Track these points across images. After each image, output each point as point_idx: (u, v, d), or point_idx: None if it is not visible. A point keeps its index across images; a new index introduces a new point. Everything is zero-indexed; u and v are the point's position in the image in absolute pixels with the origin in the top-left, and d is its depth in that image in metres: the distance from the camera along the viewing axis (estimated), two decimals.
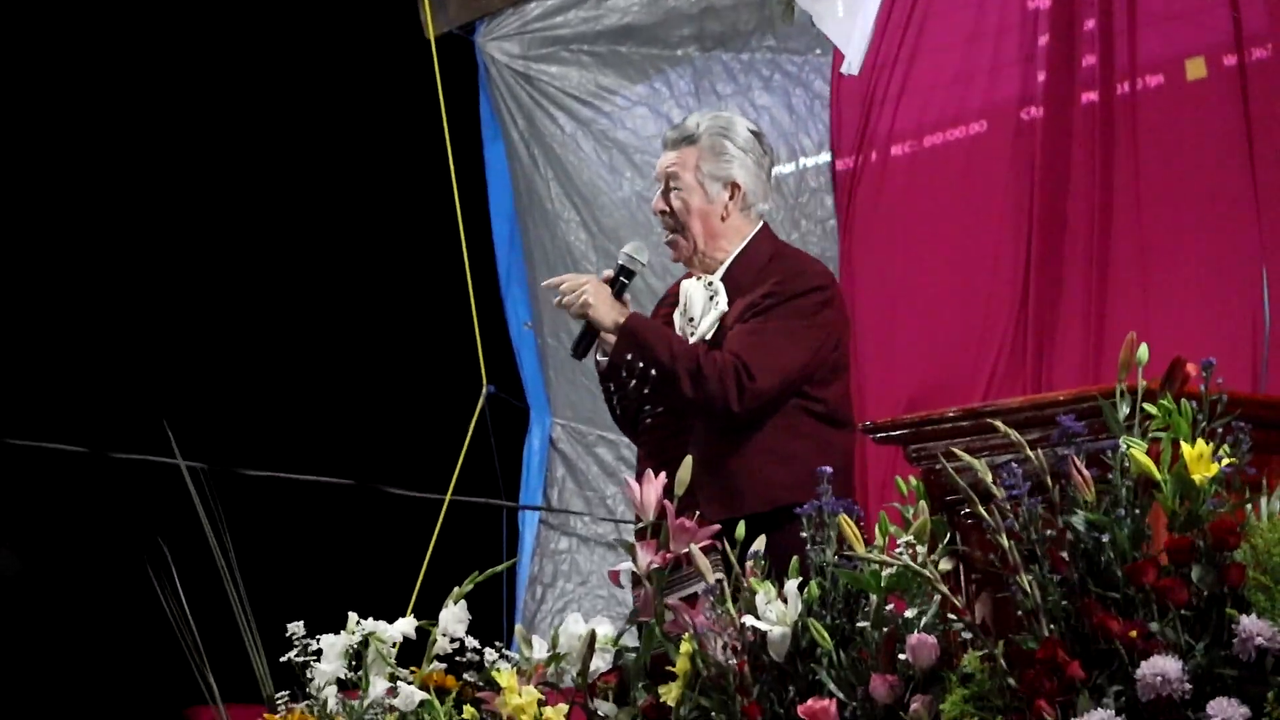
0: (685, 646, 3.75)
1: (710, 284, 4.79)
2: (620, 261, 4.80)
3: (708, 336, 4.74)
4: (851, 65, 6.16)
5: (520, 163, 7.43)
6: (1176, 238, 5.59)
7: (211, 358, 7.62)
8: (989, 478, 3.37)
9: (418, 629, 4.22)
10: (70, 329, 7.54)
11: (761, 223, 4.88)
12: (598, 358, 4.78)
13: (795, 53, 6.78)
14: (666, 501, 3.94)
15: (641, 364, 4.65)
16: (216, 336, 7.65)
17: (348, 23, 7.56)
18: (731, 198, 4.84)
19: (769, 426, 4.68)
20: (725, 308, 4.74)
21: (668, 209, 4.84)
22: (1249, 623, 3.10)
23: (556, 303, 4.80)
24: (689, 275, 4.87)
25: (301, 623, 4.24)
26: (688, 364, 4.64)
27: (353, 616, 4.22)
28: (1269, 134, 5.47)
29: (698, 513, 3.99)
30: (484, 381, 7.34)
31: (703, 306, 4.79)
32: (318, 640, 4.21)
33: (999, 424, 3.44)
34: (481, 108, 7.58)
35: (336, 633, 4.22)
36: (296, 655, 4.20)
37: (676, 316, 4.83)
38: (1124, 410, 3.35)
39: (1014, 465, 3.32)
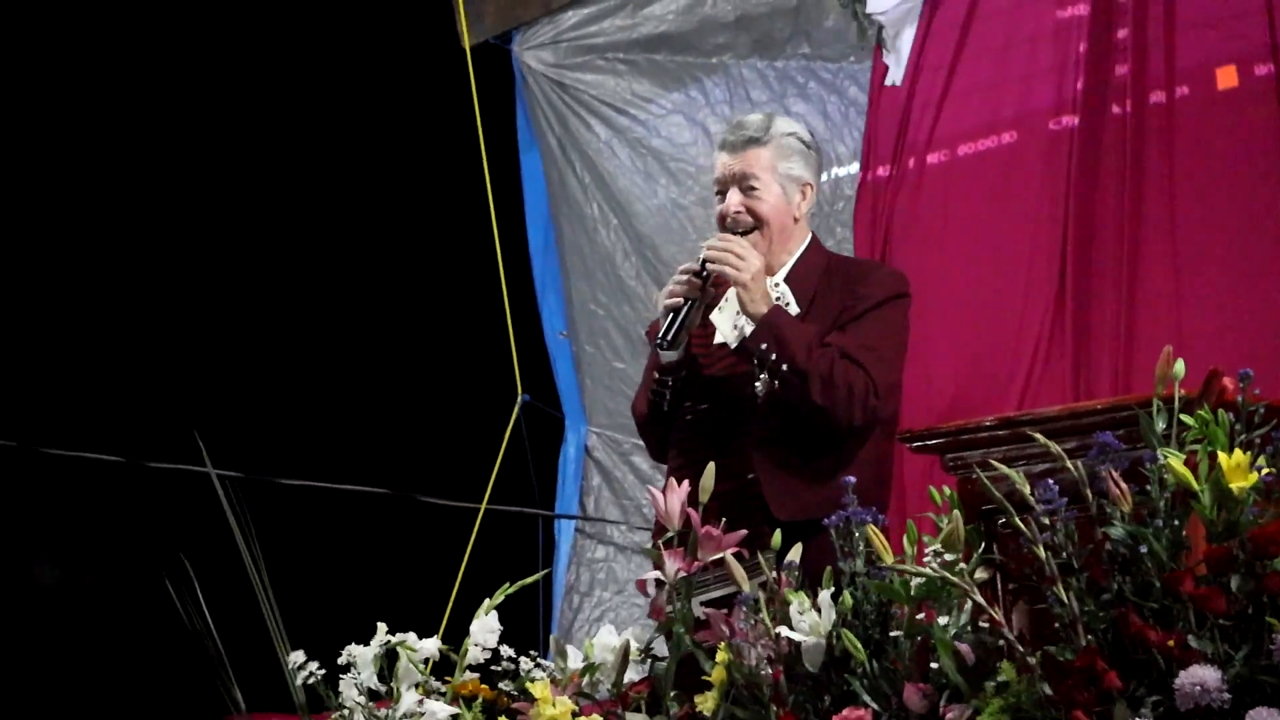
0: (721, 656, 3.73)
1: (776, 284, 4.76)
2: (702, 255, 4.73)
3: None
4: (895, 76, 6.17)
5: (556, 170, 7.43)
6: (1209, 247, 5.56)
7: (247, 367, 7.64)
8: (1026, 489, 3.34)
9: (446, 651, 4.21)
10: (106, 340, 7.56)
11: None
12: (662, 350, 4.73)
13: (830, 60, 6.77)
14: (691, 511, 3.92)
15: (774, 357, 4.59)
16: (252, 346, 7.67)
17: (385, 33, 7.58)
18: (804, 198, 4.84)
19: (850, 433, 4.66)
20: (796, 309, 4.72)
21: (744, 209, 4.81)
22: None
23: (711, 258, 4.67)
24: None
25: (315, 640, 4.23)
26: (822, 368, 4.58)
27: (381, 627, 4.21)
28: None
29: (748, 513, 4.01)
30: (519, 390, 7.34)
31: None
32: (343, 652, 4.20)
33: (1037, 435, 3.42)
34: (518, 116, 7.58)
35: (368, 644, 4.21)
36: (318, 668, 4.19)
37: (722, 316, 4.79)
38: (1161, 421, 3.33)
39: (1049, 481, 3.30)
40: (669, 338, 4.67)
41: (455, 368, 7.59)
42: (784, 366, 4.58)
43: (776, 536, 3.89)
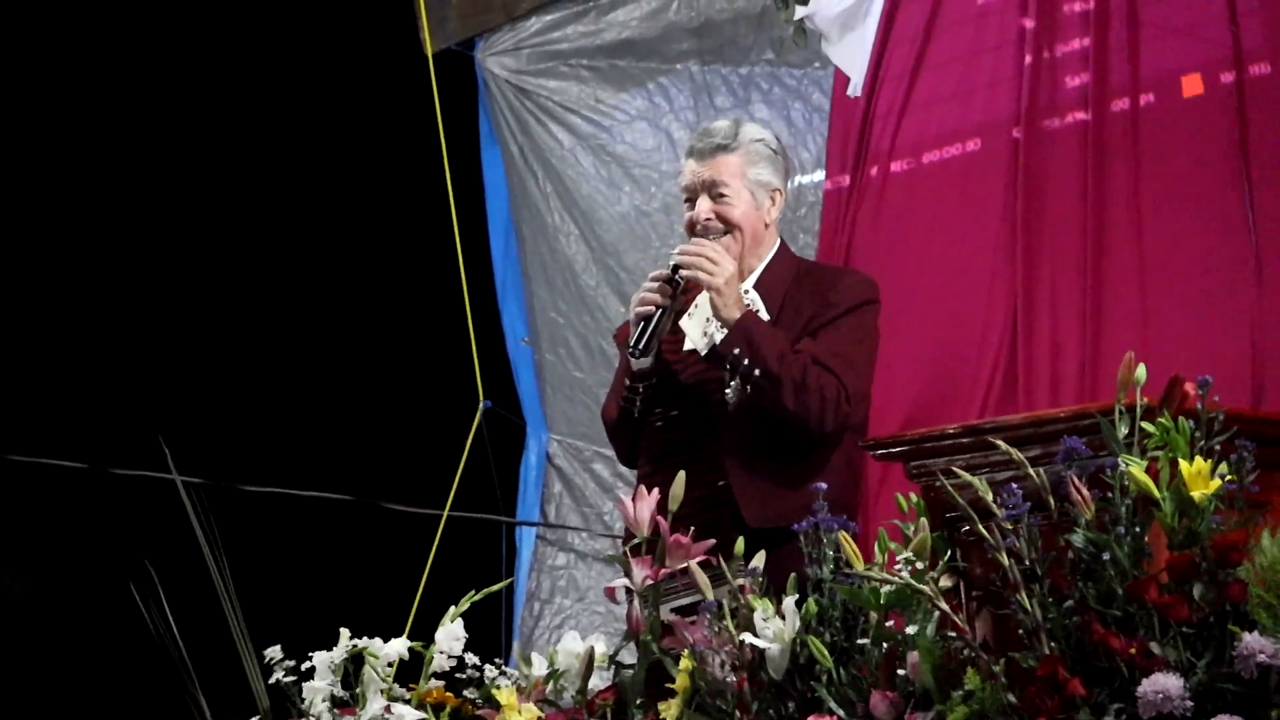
0: (685, 663, 3.74)
1: (745, 290, 4.77)
2: (673, 262, 4.73)
3: None
4: (856, 86, 6.18)
5: (519, 177, 7.42)
6: (1172, 255, 5.57)
7: (210, 373, 7.62)
8: (989, 496, 3.36)
9: (412, 650, 4.21)
10: (69, 345, 7.54)
11: None
12: (634, 358, 4.73)
13: (794, 66, 6.78)
14: (660, 518, 3.93)
15: (746, 362, 4.60)
16: (215, 352, 7.65)
17: (347, 40, 7.56)
18: (773, 204, 4.85)
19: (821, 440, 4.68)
20: (766, 315, 4.73)
21: (714, 216, 4.82)
22: (1251, 640, 3.09)
23: (688, 262, 4.69)
24: None
25: (279, 646, 4.22)
26: (795, 374, 4.60)
27: (344, 633, 4.21)
28: (1266, 151, 5.46)
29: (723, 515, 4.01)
30: (481, 397, 7.34)
31: None
32: (310, 658, 4.20)
33: (1000, 442, 3.44)
34: (480, 123, 7.57)
35: (332, 650, 4.21)
36: (286, 675, 4.19)
37: (692, 322, 4.80)
38: (1123, 428, 3.34)
39: (1014, 485, 3.31)
40: (640, 345, 4.67)
41: (417, 374, 7.58)
42: (756, 372, 4.59)
43: (739, 544, 3.91)
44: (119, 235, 7.63)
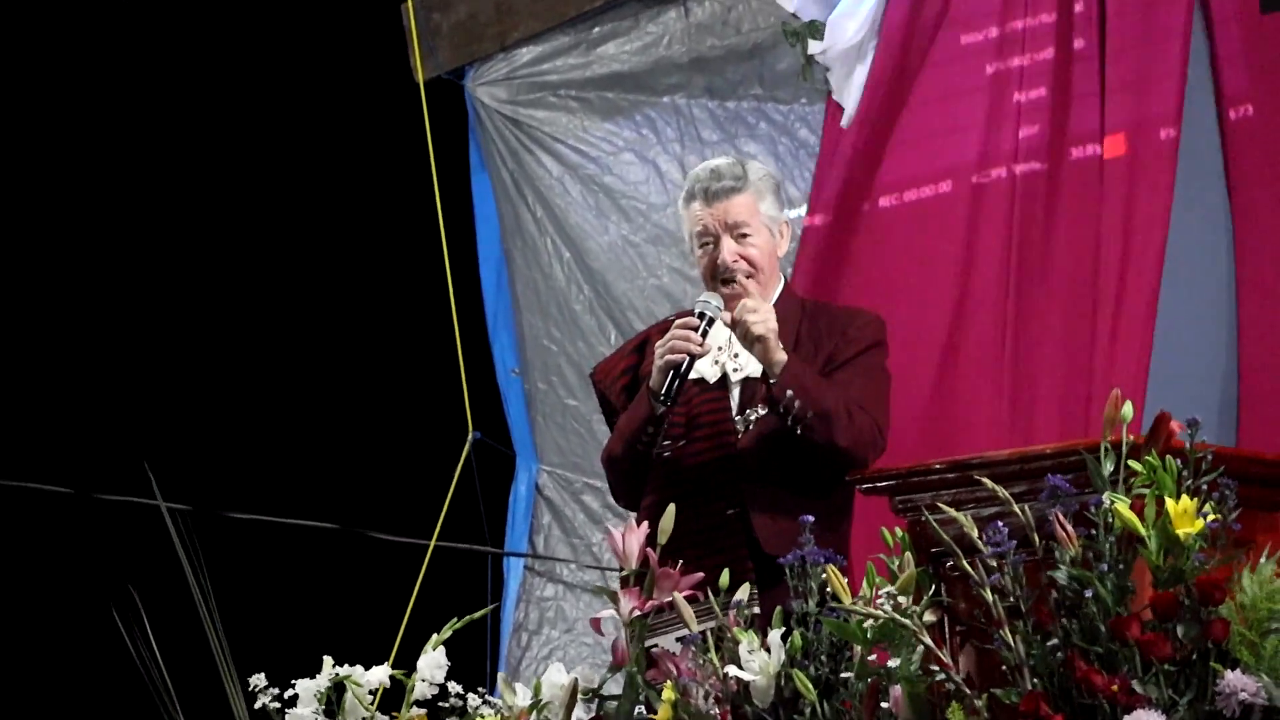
0: (668, 694, 3.74)
1: None
2: (699, 308, 4.72)
3: (757, 375, 4.73)
4: (847, 118, 6.21)
5: (510, 205, 7.43)
6: (1146, 293, 5.60)
7: (197, 399, 7.62)
8: (974, 532, 3.37)
9: (394, 678, 4.21)
10: (55, 369, 7.53)
11: None
12: (670, 403, 4.69)
13: (782, 102, 6.80)
14: (650, 550, 3.93)
15: (799, 404, 4.60)
16: (202, 378, 7.64)
17: (336, 67, 7.57)
18: (782, 237, 4.87)
19: None
20: None
21: (740, 258, 4.81)
22: (1233, 678, 3.11)
23: (735, 315, 4.68)
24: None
25: (263, 674, 4.22)
26: (845, 411, 4.62)
27: (328, 661, 4.21)
28: (1248, 191, 5.50)
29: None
30: (470, 427, 7.33)
31: None
32: (293, 685, 4.20)
33: (984, 479, 3.45)
34: (470, 152, 7.58)
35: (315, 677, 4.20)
36: (271, 701, 4.18)
37: (707, 356, 4.79)
38: (1109, 466, 3.35)
39: (998, 523, 3.32)
40: (672, 395, 4.66)
41: (406, 404, 7.57)
42: (810, 413, 4.59)
43: (724, 575, 3.91)
44: (107, 262, 7.63)
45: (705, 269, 4.83)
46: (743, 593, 3.83)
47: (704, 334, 4.68)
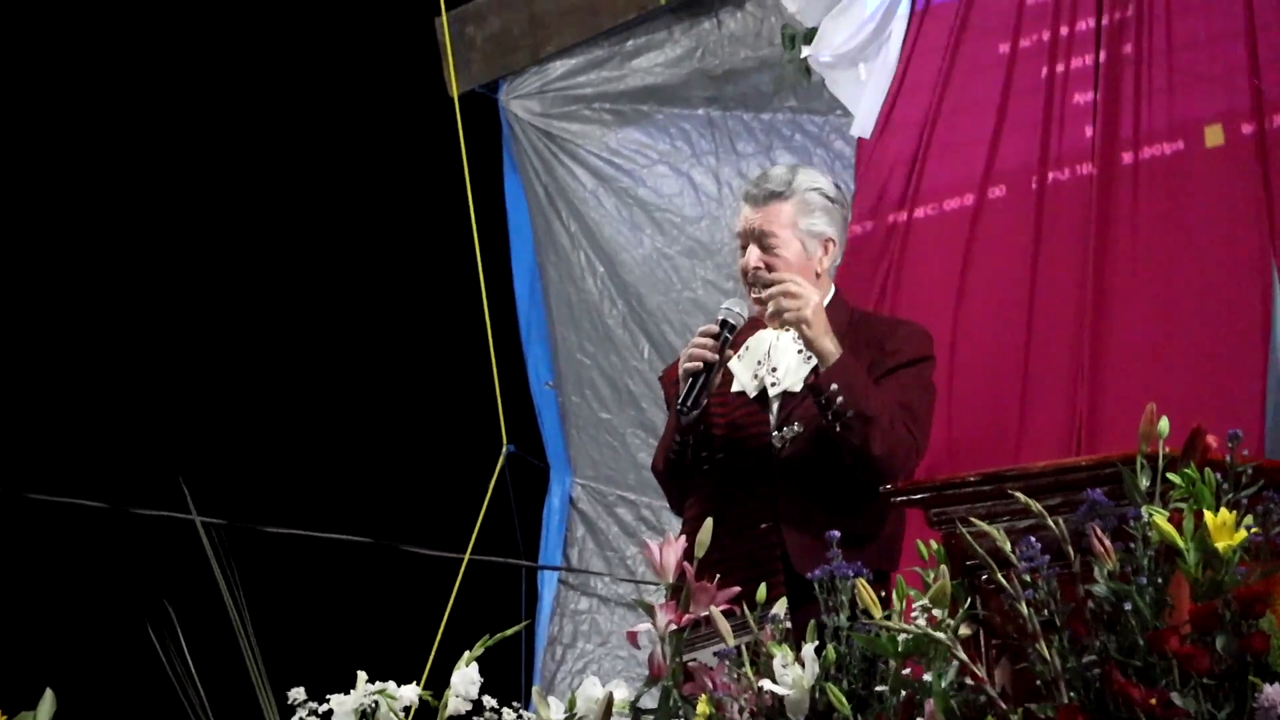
0: (702, 708, 3.73)
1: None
2: (722, 316, 4.71)
3: (795, 389, 4.72)
4: (864, 128, 6.17)
5: (543, 218, 7.44)
6: (1184, 305, 5.57)
7: (232, 414, 7.63)
8: (1007, 546, 3.35)
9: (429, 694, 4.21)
10: (91, 384, 7.55)
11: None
12: (689, 411, 4.68)
13: (817, 113, 6.79)
14: (686, 564, 3.92)
15: (842, 400, 4.58)
16: (237, 392, 7.66)
17: (371, 80, 7.59)
18: (825, 253, 4.83)
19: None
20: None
21: (763, 266, 4.81)
22: (1272, 691, 3.09)
23: (768, 297, 4.69)
24: (762, 326, 4.83)
25: (303, 688, 4.22)
26: (885, 420, 4.59)
27: (361, 676, 4.21)
28: None
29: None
30: (504, 440, 7.34)
31: (791, 360, 4.76)
32: (327, 700, 4.20)
33: (1018, 493, 3.43)
34: (504, 164, 7.59)
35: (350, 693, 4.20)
36: (308, 716, 4.19)
37: (741, 365, 4.79)
38: (1144, 479, 3.34)
39: (1031, 539, 3.31)
40: (689, 403, 4.65)
41: (440, 417, 7.58)
42: (850, 412, 4.57)
43: (762, 590, 3.89)
44: (144, 277, 7.66)
45: (740, 271, 4.86)
46: (778, 607, 3.82)
47: (724, 341, 4.67)
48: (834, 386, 4.58)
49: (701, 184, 7.06)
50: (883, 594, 3.61)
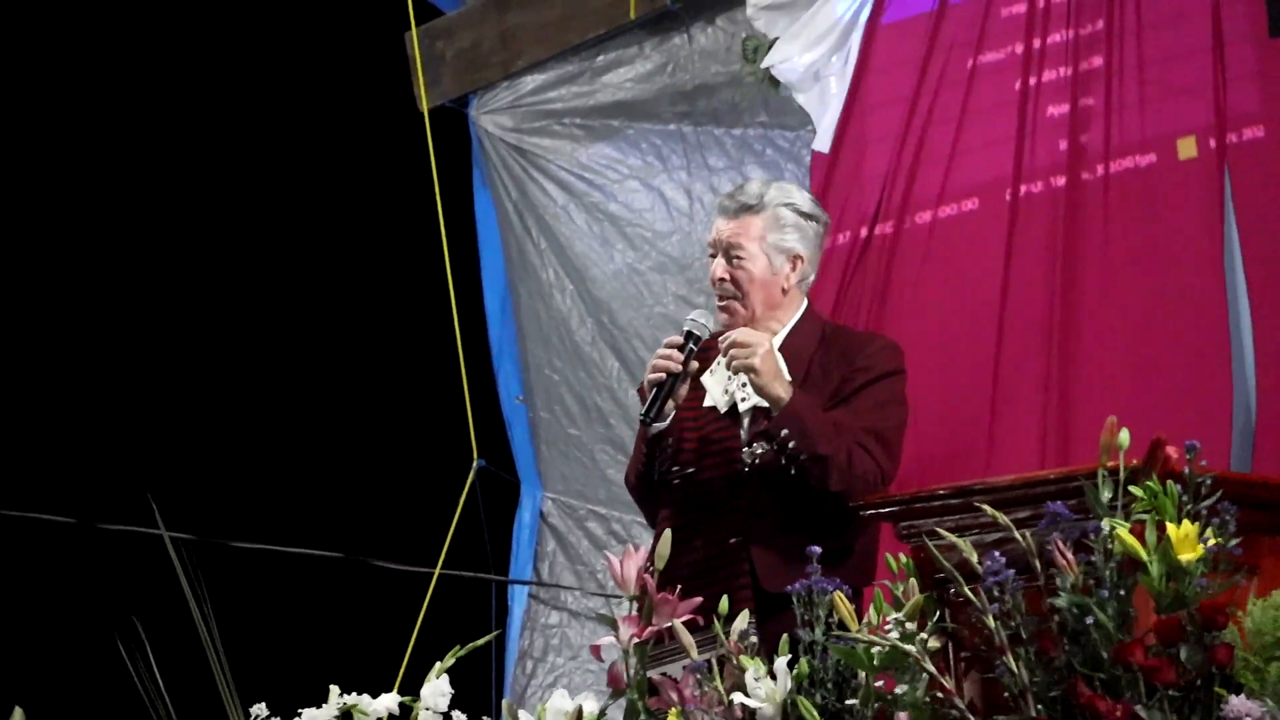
0: None
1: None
2: (687, 327, 4.74)
3: (763, 405, 4.72)
4: (822, 142, 6.18)
5: (513, 234, 7.44)
6: (1153, 317, 5.59)
7: (200, 429, 7.61)
8: (974, 558, 3.36)
9: (401, 705, 4.20)
10: (58, 399, 7.53)
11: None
12: (650, 421, 4.70)
13: (788, 128, 6.80)
14: (647, 576, 3.92)
15: (793, 445, 4.60)
16: (205, 407, 7.64)
17: (342, 95, 7.58)
18: (794, 269, 4.84)
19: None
20: (788, 377, 4.72)
21: (728, 278, 4.82)
22: (1237, 702, 3.10)
23: (724, 350, 4.71)
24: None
25: (266, 704, 4.21)
26: (841, 460, 4.61)
27: (334, 690, 4.20)
28: (1254, 215, 5.48)
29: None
30: (474, 455, 7.33)
31: None
32: (298, 715, 4.19)
33: (985, 506, 3.44)
34: (474, 180, 7.59)
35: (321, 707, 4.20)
36: None
37: (713, 379, 4.79)
38: (1106, 492, 3.35)
39: (996, 553, 3.31)
40: (652, 414, 4.67)
41: (410, 432, 7.57)
42: (803, 456, 4.59)
43: (724, 603, 3.89)
44: (110, 288, 7.64)
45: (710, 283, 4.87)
46: (743, 621, 3.82)
47: (689, 352, 4.68)
48: (784, 432, 4.60)
49: (673, 199, 7.07)
50: (857, 609, 3.62)
